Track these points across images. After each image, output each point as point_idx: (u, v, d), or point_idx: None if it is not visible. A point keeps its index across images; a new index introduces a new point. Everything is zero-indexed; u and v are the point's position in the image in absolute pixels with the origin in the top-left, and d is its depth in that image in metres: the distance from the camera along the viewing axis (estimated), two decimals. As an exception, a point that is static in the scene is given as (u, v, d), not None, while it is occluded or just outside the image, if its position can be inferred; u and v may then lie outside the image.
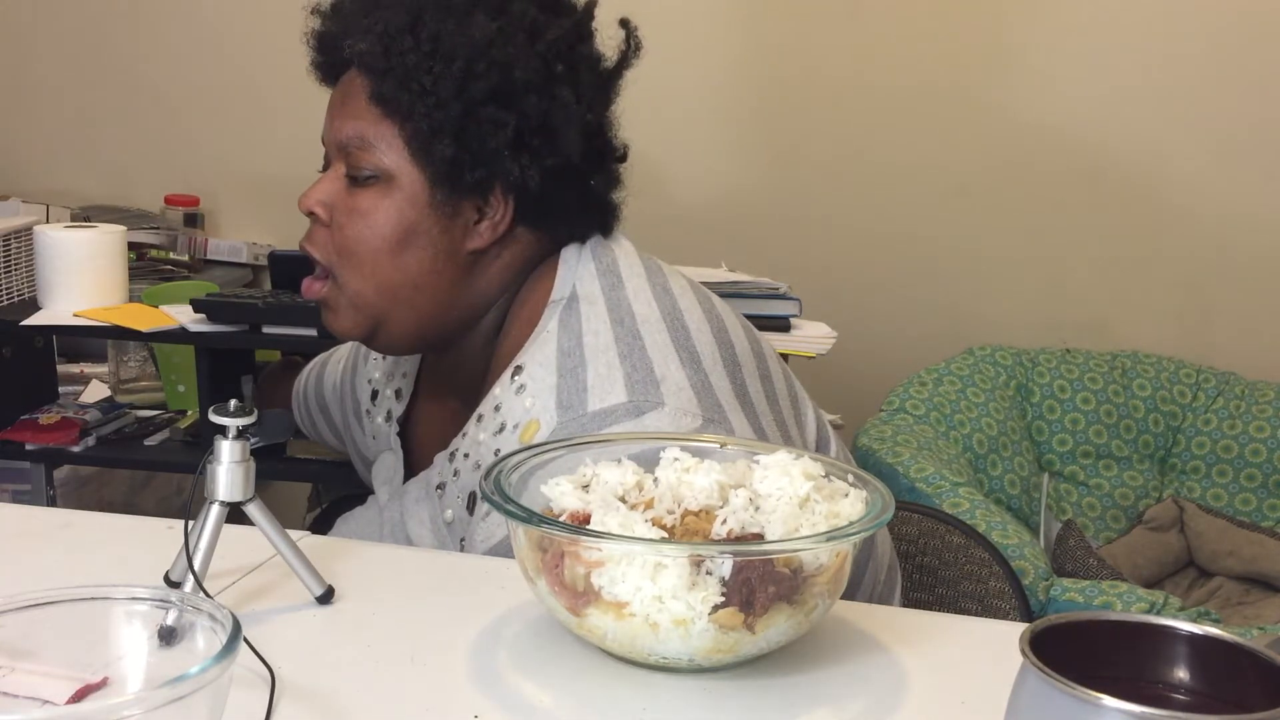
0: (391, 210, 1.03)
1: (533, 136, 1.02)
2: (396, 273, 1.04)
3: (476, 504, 0.99)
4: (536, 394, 0.99)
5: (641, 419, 0.97)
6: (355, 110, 1.03)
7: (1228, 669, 0.58)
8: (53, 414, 2.17)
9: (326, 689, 0.75)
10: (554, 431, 0.97)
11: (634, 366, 1.00)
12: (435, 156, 1.02)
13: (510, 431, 0.99)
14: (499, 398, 1.01)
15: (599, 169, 1.07)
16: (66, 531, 1.00)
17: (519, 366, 1.01)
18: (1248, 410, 2.50)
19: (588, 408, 0.98)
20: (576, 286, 1.05)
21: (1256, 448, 2.47)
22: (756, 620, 0.74)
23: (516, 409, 0.99)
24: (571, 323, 1.02)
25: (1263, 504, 2.46)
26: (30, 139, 3.13)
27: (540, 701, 0.75)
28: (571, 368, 1.00)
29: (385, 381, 1.24)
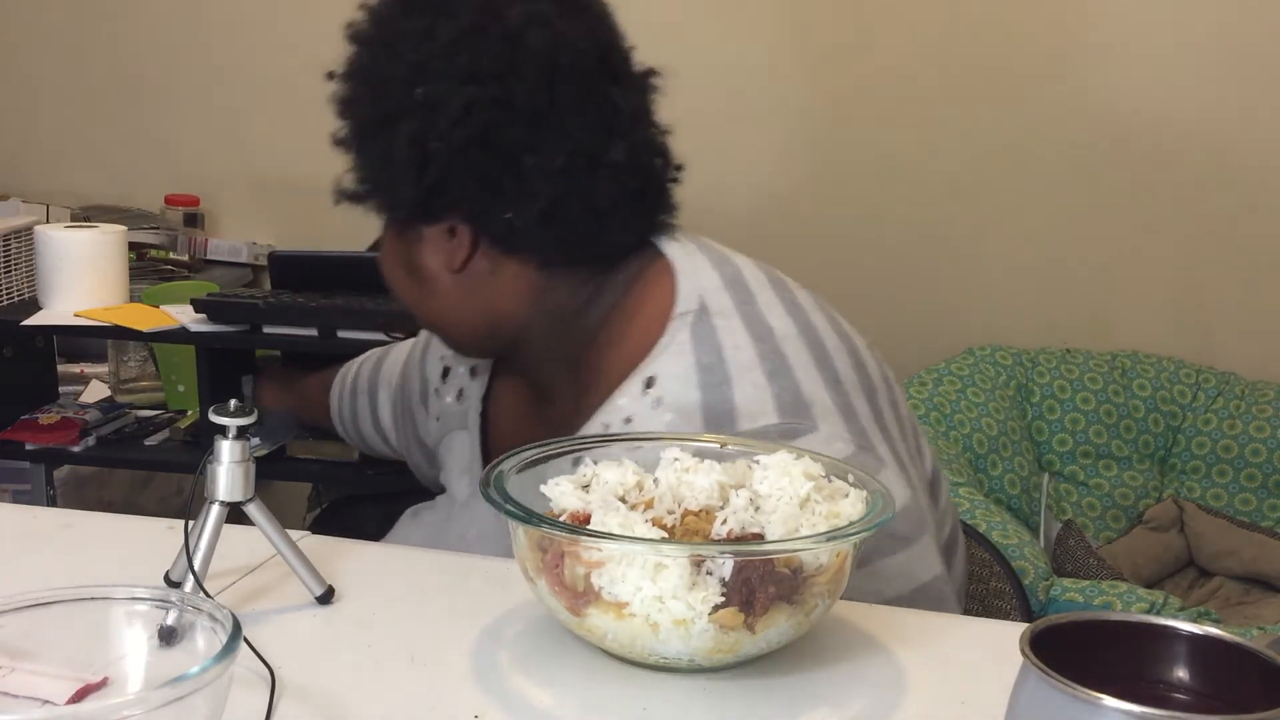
0: (388, 245, 1.11)
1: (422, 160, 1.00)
2: (408, 298, 1.10)
3: None
4: (678, 410, 0.96)
5: (794, 442, 0.93)
6: None
7: (1228, 669, 0.58)
8: (53, 414, 2.17)
9: (326, 689, 0.75)
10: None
11: (782, 387, 0.97)
12: (357, 197, 1.09)
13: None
14: (628, 410, 0.98)
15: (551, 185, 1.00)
16: (66, 531, 1.00)
17: (652, 378, 0.98)
18: (1248, 410, 2.50)
19: (737, 428, 0.95)
20: (705, 299, 1.02)
21: (1256, 448, 2.47)
22: (756, 620, 0.74)
23: (653, 423, 0.96)
24: (707, 336, 0.99)
25: (1263, 504, 2.46)
26: (30, 139, 3.13)
27: (540, 701, 0.75)
28: (715, 384, 0.97)
29: (458, 358, 1.23)
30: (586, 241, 1.04)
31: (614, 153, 1.01)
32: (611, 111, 1.02)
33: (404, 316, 1.97)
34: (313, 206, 2.98)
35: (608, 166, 1.01)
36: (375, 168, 1.05)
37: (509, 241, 1.03)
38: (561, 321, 1.07)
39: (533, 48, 0.98)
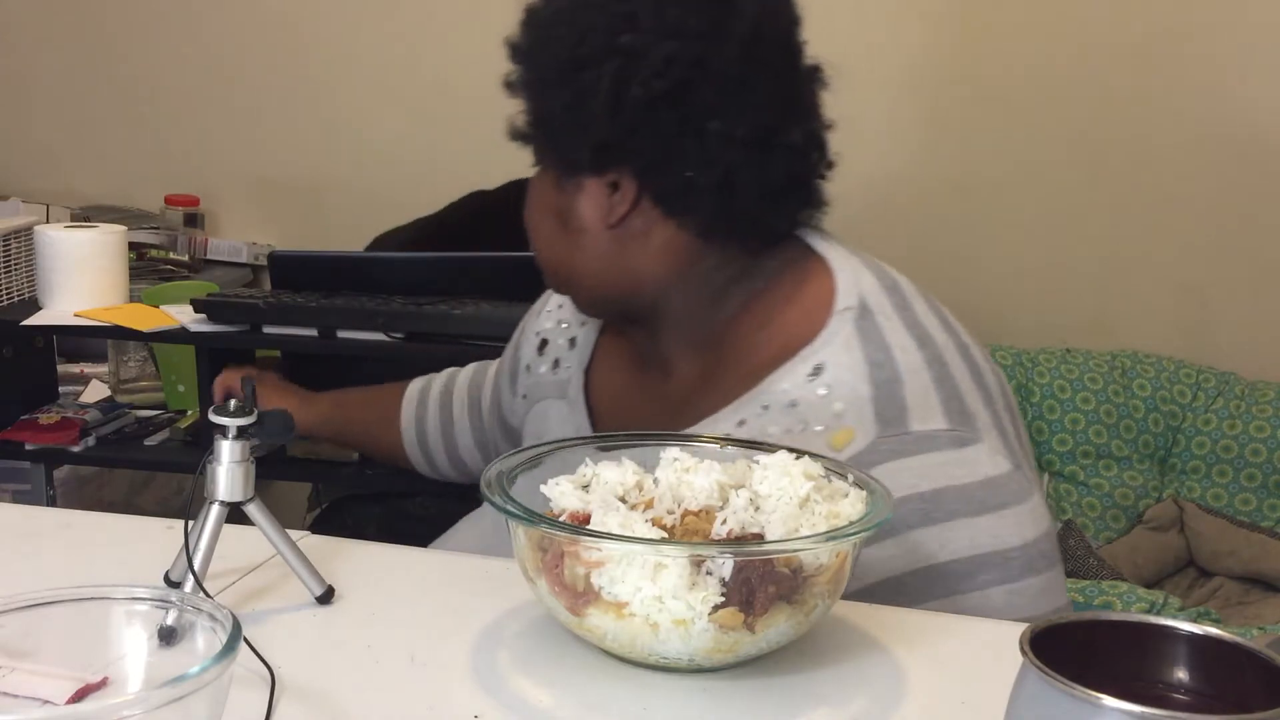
0: (538, 194, 1.10)
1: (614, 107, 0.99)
2: (551, 250, 1.10)
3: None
4: (848, 402, 0.96)
5: (963, 450, 0.94)
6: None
7: (1228, 669, 0.58)
8: (53, 414, 2.17)
9: (326, 689, 0.75)
10: (872, 444, 0.94)
11: (948, 395, 0.97)
12: (534, 142, 1.08)
13: (815, 433, 0.96)
14: (793, 394, 0.98)
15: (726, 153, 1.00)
16: (66, 531, 1.00)
17: (820, 366, 0.98)
18: (1248, 410, 2.50)
19: (910, 427, 0.95)
20: (865, 298, 1.02)
21: (1256, 448, 2.47)
22: (756, 620, 0.74)
23: (821, 411, 0.97)
24: (874, 334, 0.99)
25: (1263, 504, 2.46)
26: (30, 139, 3.13)
27: (540, 701, 0.75)
28: (885, 381, 0.97)
29: (557, 330, 1.23)
30: (749, 218, 1.04)
31: (791, 135, 1.02)
32: (793, 94, 1.03)
33: (404, 316, 1.98)
34: (313, 206, 3.00)
35: (783, 147, 1.01)
36: (559, 111, 1.03)
37: (676, 203, 1.03)
38: (702, 295, 1.06)
39: (742, 13, 0.99)
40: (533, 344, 1.26)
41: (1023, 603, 0.94)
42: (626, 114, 0.99)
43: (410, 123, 2.88)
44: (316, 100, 2.96)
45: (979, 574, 0.93)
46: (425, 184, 2.63)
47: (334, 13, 2.91)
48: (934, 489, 0.93)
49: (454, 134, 2.84)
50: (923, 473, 0.93)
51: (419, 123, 2.87)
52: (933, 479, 0.93)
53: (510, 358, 1.31)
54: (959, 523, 0.93)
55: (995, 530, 0.93)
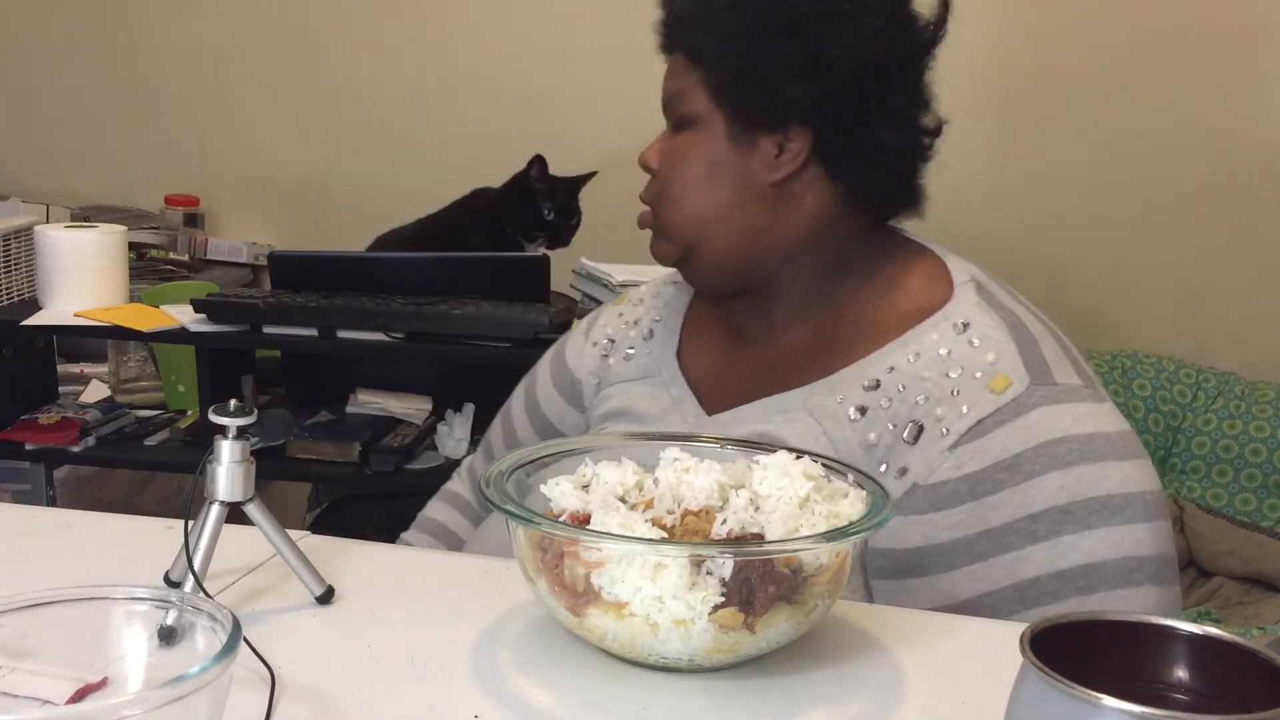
0: (699, 149, 1.11)
1: (818, 66, 1.06)
2: (703, 205, 1.11)
3: (924, 434, 1.01)
4: (999, 352, 1.03)
5: (1100, 405, 1.02)
6: (675, 68, 1.13)
7: (1228, 669, 0.58)
8: (53, 414, 2.17)
9: (326, 689, 0.75)
10: (1028, 389, 1.00)
11: (1073, 359, 1.06)
12: (728, 94, 1.08)
13: (975, 379, 1.02)
14: (942, 344, 1.04)
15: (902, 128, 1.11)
16: (66, 531, 1.00)
17: (966, 323, 1.05)
18: (1248, 410, 2.50)
19: (1055, 379, 1.02)
20: (975, 276, 1.11)
21: (1256, 448, 2.47)
22: (756, 620, 0.74)
23: (976, 359, 1.03)
24: (997, 303, 1.08)
25: (1263, 504, 2.46)
26: (30, 139, 3.13)
27: (540, 701, 0.75)
28: (1024, 339, 1.04)
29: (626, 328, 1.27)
30: (895, 192, 1.14)
31: (931, 122, 1.14)
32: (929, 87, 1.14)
33: (404, 316, 1.98)
34: (313, 206, 3.00)
35: (928, 133, 1.14)
36: (762, 64, 1.07)
37: (844, 168, 1.10)
38: (831, 263, 1.12)
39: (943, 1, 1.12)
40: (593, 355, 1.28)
41: (1152, 541, 0.99)
42: (831, 75, 1.05)
43: (410, 123, 2.88)
44: (316, 100, 2.96)
45: (1126, 510, 0.98)
46: (425, 184, 2.63)
47: (334, 13, 2.91)
48: (1087, 433, 0.99)
49: (454, 134, 2.84)
50: (1075, 418, 1.00)
51: (419, 123, 2.87)
52: (1083, 425, 1.00)
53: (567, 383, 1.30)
54: (1110, 464, 0.98)
55: (1137, 474, 1.00)
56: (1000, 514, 0.97)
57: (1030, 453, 0.98)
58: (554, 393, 1.31)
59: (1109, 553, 0.96)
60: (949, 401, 1.01)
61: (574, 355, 1.30)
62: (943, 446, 1.00)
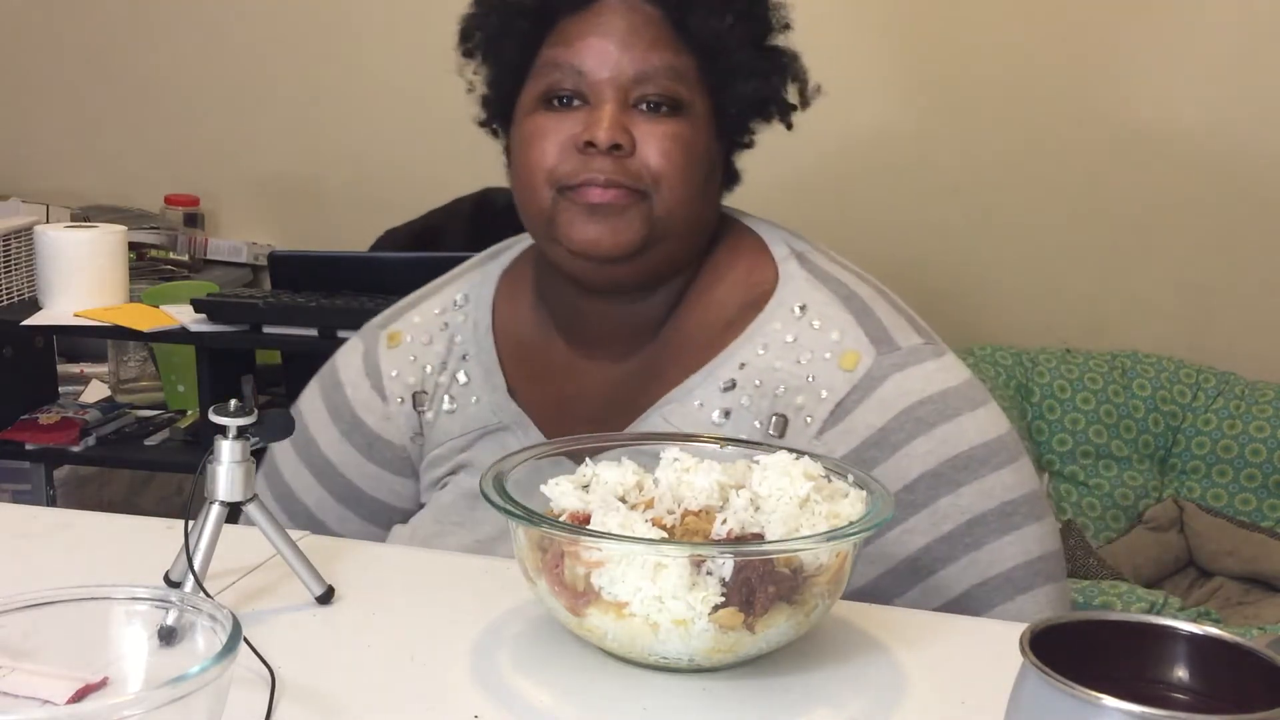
0: (698, 138, 1.04)
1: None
2: (696, 198, 1.04)
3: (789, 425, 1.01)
4: (841, 328, 1.03)
5: (942, 359, 1.04)
6: (655, 42, 1.02)
7: (1228, 669, 0.58)
8: (53, 414, 2.17)
9: (326, 689, 0.75)
10: (876, 361, 1.01)
11: (907, 317, 1.07)
12: (733, 92, 1.05)
13: (825, 360, 1.02)
14: (785, 332, 1.04)
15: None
16: (66, 531, 1.00)
17: (804, 305, 1.05)
18: (1248, 410, 2.50)
19: (898, 343, 1.03)
20: (792, 245, 1.09)
21: (1256, 448, 2.47)
22: (756, 620, 0.74)
23: (822, 340, 1.03)
24: (821, 273, 1.07)
25: (1263, 504, 2.46)
26: (30, 139, 3.13)
27: (540, 701, 0.75)
28: (859, 308, 1.05)
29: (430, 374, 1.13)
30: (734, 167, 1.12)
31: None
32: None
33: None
34: (313, 206, 3.00)
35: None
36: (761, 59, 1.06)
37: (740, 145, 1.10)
38: (701, 242, 1.09)
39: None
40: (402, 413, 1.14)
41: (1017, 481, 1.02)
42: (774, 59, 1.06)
43: (411, 123, 2.88)
44: (316, 100, 2.96)
45: (990, 459, 1.01)
46: (425, 184, 2.63)
47: (334, 13, 2.91)
48: (939, 390, 1.01)
49: (454, 134, 2.83)
50: (924, 378, 1.01)
51: (419, 123, 2.87)
52: (933, 383, 1.01)
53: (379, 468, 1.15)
54: (965, 417, 1.01)
55: (991, 421, 1.03)
56: (919, 464, 0.99)
57: (893, 423, 1.00)
58: (375, 470, 1.14)
59: (985, 504, 0.99)
60: (806, 389, 1.01)
61: (376, 420, 1.14)
62: (809, 435, 1.00)
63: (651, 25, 1.03)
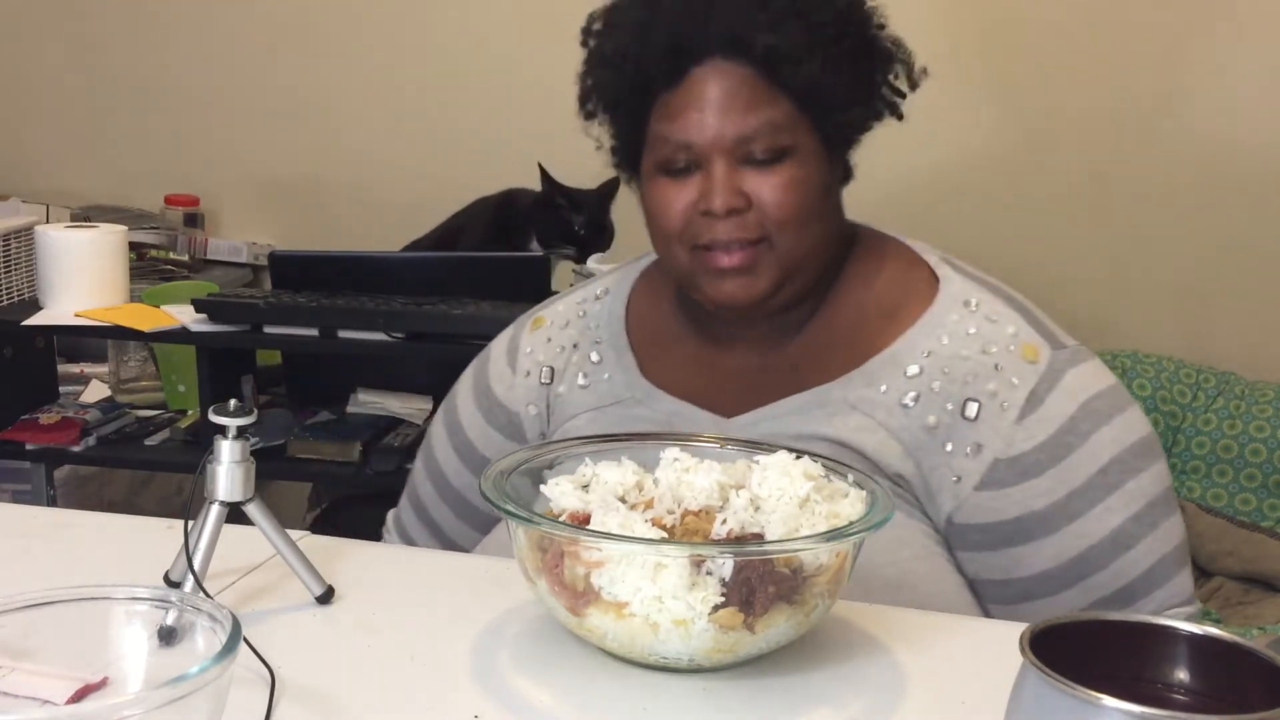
0: (813, 176, 1.08)
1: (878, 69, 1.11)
2: (821, 228, 1.09)
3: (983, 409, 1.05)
4: (1014, 324, 1.08)
5: (1095, 360, 1.10)
6: (751, 103, 1.05)
7: (1228, 669, 0.58)
8: (53, 414, 2.17)
9: (326, 689, 0.75)
10: (1053, 355, 1.07)
11: (1052, 320, 1.13)
12: (837, 124, 1.09)
13: (1007, 351, 1.06)
14: (963, 325, 1.08)
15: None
16: (66, 531, 1.00)
17: (969, 300, 1.09)
18: (1248, 410, 2.50)
19: (1063, 342, 1.09)
20: (938, 252, 1.15)
21: (1256, 448, 2.47)
22: (756, 620, 0.74)
23: (1001, 333, 1.07)
24: (976, 276, 1.13)
25: (1263, 504, 2.46)
26: (30, 139, 3.13)
27: (540, 701, 0.75)
28: (1020, 307, 1.10)
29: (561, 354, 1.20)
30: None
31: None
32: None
33: (404, 316, 1.98)
34: (313, 206, 3.00)
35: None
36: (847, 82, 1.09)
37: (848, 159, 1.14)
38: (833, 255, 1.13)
39: None
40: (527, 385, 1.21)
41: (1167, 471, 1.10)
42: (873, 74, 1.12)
43: (411, 123, 2.88)
44: (316, 100, 2.96)
45: (1152, 448, 1.08)
46: (426, 184, 2.64)
47: (334, 13, 2.91)
48: (1107, 386, 1.08)
49: (455, 134, 2.84)
50: (1094, 375, 1.08)
51: (419, 123, 2.87)
52: (1100, 380, 1.08)
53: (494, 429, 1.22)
54: (1131, 410, 1.08)
55: (1142, 415, 1.10)
56: (1078, 473, 1.03)
57: (1079, 412, 1.05)
58: (489, 430, 1.23)
59: (1156, 487, 1.06)
60: (995, 376, 1.05)
61: (503, 389, 1.22)
62: (1009, 420, 1.04)
63: (745, 86, 1.05)
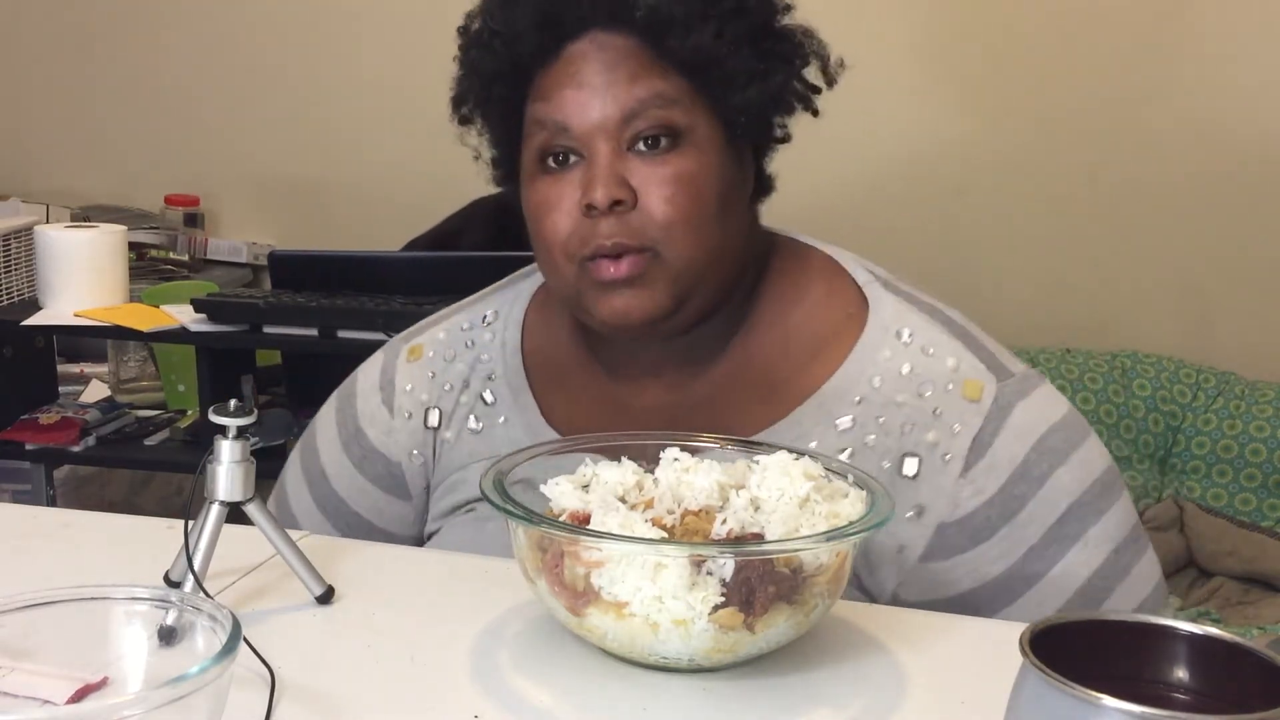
0: (709, 170, 0.95)
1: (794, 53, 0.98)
2: (720, 235, 0.95)
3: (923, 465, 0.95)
4: (955, 355, 0.97)
5: (1045, 385, 0.98)
6: (636, 74, 0.94)
7: (1228, 669, 0.58)
8: (53, 414, 2.17)
9: (326, 689, 0.75)
10: (999, 388, 0.96)
11: (996, 344, 1.01)
12: (734, 102, 0.95)
13: (945, 392, 0.96)
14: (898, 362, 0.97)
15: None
16: (66, 531, 1.00)
17: (903, 331, 0.98)
18: (1248, 410, 2.50)
19: (1010, 369, 0.98)
20: (869, 269, 1.03)
21: (1256, 448, 2.47)
22: (756, 620, 0.74)
23: (939, 368, 0.96)
24: (913, 297, 1.01)
25: (1263, 504, 2.46)
26: (30, 139, 3.13)
27: (540, 701, 0.75)
28: (960, 332, 0.99)
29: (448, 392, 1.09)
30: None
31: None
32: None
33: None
34: (313, 206, 3.00)
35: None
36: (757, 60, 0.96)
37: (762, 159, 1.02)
38: (744, 275, 1.01)
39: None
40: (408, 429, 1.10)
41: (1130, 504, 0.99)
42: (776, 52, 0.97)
43: (410, 123, 2.88)
44: (317, 100, 2.96)
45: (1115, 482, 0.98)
46: (426, 183, 2.63)
47: (334, 13, 2.91)
48: (1060, 417, 0.97)
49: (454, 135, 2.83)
50: (1045, 405, 0.97)
51: (419, 123, 2.87)
52: (1054, 409, 0.97)
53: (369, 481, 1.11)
54: (1090, 442, 0.97)
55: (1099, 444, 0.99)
56: (1034, 529, 0.94)
57: (1032, 454, 0.95)
58: (362, 482, 1.11)
59: (1121, 530, 0.97)
60: (935, 424, 0.95)
61: (378, 434, 1.10)
62: (953, 475, 0.95)
63: (629, 58, 0.94)
